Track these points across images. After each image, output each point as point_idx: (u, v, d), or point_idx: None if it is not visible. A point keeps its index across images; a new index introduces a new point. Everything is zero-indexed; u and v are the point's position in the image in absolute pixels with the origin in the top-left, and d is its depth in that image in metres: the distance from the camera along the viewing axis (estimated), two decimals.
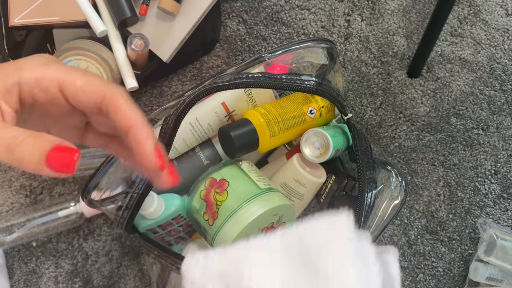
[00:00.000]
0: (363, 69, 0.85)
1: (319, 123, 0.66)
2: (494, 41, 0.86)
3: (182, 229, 0.65)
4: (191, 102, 0.55)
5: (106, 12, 0.73)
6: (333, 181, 0.67)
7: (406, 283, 0.79)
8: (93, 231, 0.79)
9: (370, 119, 0.84)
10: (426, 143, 0.83)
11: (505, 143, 0.83)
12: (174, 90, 0.84)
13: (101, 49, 0.72)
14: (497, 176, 0.82)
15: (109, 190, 0.59)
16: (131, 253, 0.79)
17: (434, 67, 0.85)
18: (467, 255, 0.80)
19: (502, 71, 0.85)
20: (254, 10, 0.86)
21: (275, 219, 0.61)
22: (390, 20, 0.86)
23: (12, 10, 0.74)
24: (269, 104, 0.63)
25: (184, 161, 0.67)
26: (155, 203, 0.59)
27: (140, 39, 0.71)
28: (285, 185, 0.66)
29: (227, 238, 0.57)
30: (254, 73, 0.58)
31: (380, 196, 0.59)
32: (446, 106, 0.84)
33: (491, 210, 0.82)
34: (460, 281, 0.80)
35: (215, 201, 0.59)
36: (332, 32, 0.86)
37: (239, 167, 0.62)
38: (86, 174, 0.79)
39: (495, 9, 0.87)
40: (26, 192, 0.80)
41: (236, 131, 0.59)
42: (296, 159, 0.65)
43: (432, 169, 0.82)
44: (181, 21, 0.75)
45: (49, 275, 0.78)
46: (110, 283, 0.78)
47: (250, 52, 0.85)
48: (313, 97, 0.65)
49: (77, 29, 0.76)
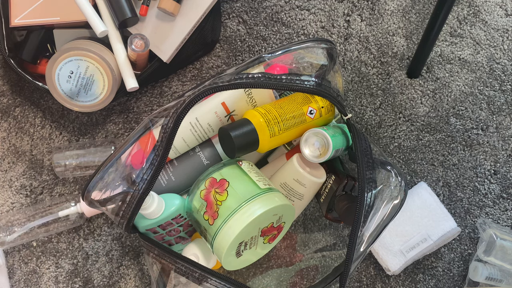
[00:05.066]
0: (362, 70, 0.85)
1: (319, 123, 0.66)
2: (494, 42, 0.86)
3: (182, 229, 0.65)
4: (191, 102, 0.55)
5: (107, 12, 0.73)
6: (333, 181, 0.67)
7: (406, 283, 0.79)
8: (94, 231, 0.80)
9: (370, 119, 0.84)
10: (425, 143, 0.83)
11: (505, 143, 0.83)
12: (174, 90, 0.84)
13: (102, 49, 0.72)
14: (496, 176, 0.82)
15: (109, 190, 0.59)
16: (131, 253, 0.79)
17: (433, 67, 0.85)
18: (467, 255, 0.80)
19: (502, 71, 0.85)
20: (254, 11, 0.86)
21: (275, 219, 0.61)
22: (389, 20, 0.87)
23: (13, 11, 0.74)
24: (269, 104, 0.63)
25: (184, 161, 0.67)
26: (155, 203, 0.59)
27: (140, 39, 0.72)
28: (285, 185, 0.66)
29: (227, 237, 0.57)
30: (254, 74, 0.58)
31: (380, 196, 0.59)
32: (446, 106, 0.84)
33: (490, 210, 0.82)
34: (459, 281, 0.80)
35: (215, 201, 0.59)
36: (332, 33, 0.86)
37: (239, 167, 0.62)
38: (86, 174, 0.79)
39: (495, 10, 0.87)
40: (27, 192, 0.80)
41: (236, 131, 0.59)
42: (296, 159, 0.65)
43: (431, 169, 0.82)
44: (181, 21, 0.75)
45: (49, 275, 0.79)
46: (110, 283, 0.79)
47: (250, 52, 0.85)
48: (313, 97, 0.65)
49: (77, 30, 0.76)
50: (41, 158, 0.81)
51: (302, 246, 0.78)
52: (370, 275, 0.79)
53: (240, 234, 0.56)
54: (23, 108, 0.83)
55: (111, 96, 0.73)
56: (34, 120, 0.83)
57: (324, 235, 0.79)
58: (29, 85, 0.83)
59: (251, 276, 0.76)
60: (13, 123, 0.82)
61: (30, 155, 0.82)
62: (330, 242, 0.78)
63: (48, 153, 0.82)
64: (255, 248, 0.62)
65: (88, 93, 0.72)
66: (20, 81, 0.83)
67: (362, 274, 0.79)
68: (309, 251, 0.78)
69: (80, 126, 0.83)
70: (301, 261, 0.77)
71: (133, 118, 0.83)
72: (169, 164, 0.67)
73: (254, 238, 0.60)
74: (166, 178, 0.66)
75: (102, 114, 0.83)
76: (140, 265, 0.79)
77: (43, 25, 0.75)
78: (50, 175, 0.81)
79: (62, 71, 0.71)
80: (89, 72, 0.71)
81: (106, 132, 0.82)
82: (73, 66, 0.70)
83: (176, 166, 0.67)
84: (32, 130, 0.82)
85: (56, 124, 0.83)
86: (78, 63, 0.70)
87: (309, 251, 0.78)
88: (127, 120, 0.83)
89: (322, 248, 0.78)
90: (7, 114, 0.83)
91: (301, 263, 0.77)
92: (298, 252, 0.77)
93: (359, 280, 0.79)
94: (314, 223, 0.79)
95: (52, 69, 0.71)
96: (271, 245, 0.65)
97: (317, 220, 0.79)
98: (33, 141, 0.82)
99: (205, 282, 0.56)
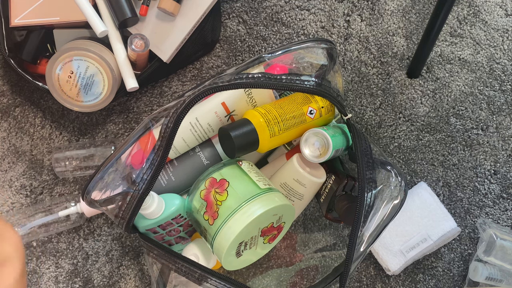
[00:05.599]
0: (362, 70, 0.85)
1: (319, 123, 0.66)
2: (494, 42, 0.86)
3: (182, 229, 0.65)
4: (191, 102, 0.55)
5: (107, 12, 0.73)
6: (333, 181, 0.67)
7: (406, 283, 0.79)
8: (94, 231, 0.80)
9: (370, 119, 0.84)
10: (425, 143, 0.83)
11: (505, 143, 0.83)
12: (174, 90, 0.84)
13: (102, 49, 0.72)
14: (496, 176, 0.83)
15: (109, 190, 0.59)
16: (131, 253, 0.79)
17: (433, 67, 0.85)
18: (467, 255, 0.80)
19: (502, 71, 0.85)
20: (254, 11, 0.86)
21: (275, 219, 0.61)
22: (389, 20, 0.87)
23: (13, 11, 0.74)
24: (269, 104, 0.63)
25: (184, 161, 0.67)
26: (155, 203, 0.59)
27: (140, 39, 0.72)
28: (285, 185, 0.66)
29: (227, 237, 0.57)
30: (254, 74, 0.58)
31: (380, 196, 0.59)
32: (446, 106, 0.84)
33: (490, 210, 0.82)
34: (459, 281, 0.80)
35: (215, 201, 0.59)
36: (331, 33, 0.86)
37: (239, 167, 0.62)
38: (86, 174, 0.79)
39: (495, 10, 0.87)
40: (27, 192, 0.80)
41: (236, 131, 0.59)
42: (296, 159, 0.65)
43: (431, 169, 0.82)
44: (181, 21, 0.75)
45: (49, 275, 0.79)
46: (110, 283, 0.79)
47: (250, 52, 0.85)
48: (313, 97, 0.65)
49: (77, 30, 0.76)
50: (41, 158, 0.82)
51: (302, 246, 0.78)
52: (370, 275, 0.79)
53: (240, 234, 0.56)
54: (23, 108, 0.83)
55: (111, 96, 0.73)
56: (34, 120, 0.83)
57: (324, 235, 0.79)
58: (29, 85, 0.83)
59: (251, 276, 0.76)
60: (13, 123, 0.82)
61: (30, 155, 0.82)
62: (330, 242, 0.78)
63: (48, 153, 0.82)
64: (255, 248, 0.62)
65: (88, 93, 0.72)
66: (20, 81, 0.83)
67: (362, 274, 0.79)
68: (309, 251, 0.78)
69: (80, 126, 0.83)
70: (301, 261, 0.77)
71: (133, 118, 0.83)
72: (169, 164, 0.67)
73: (254, 238, 0.60)
74: (166, 178, 0.66)
75: (102, 114, 0.83)
76: (140, 265, 0.79)
77: (43, 25, 0.75)
78: (50, 175, 0.81)
79: (62, 71, 0.71)
80: (89, 72, 0.71)
81: (106, 132, 0.82)
82: (73, 66, 0.70)
83: (176, 166, 0.67)
84: (32, 130, 0.82)
85: (56, 124, 0.83)
86: (78, 63, 0.70)
87: (309, 251, 0.78)
88: (127, 120, 0.83)
89: (322, 248, 0.78)
90: (7, 114, 0.83)
91: (301, 263, 0.77)
92: (298, 252, 0.77)
93: (359, 280, 0.79)
94: (314, 223, 0.79)
95: (52, 69, 0.71)
96: (271, 245, 0.65)
97: (317, 220, 0.79)
98: (33, 141, 0.82)
99: (205, 282, 0.56)
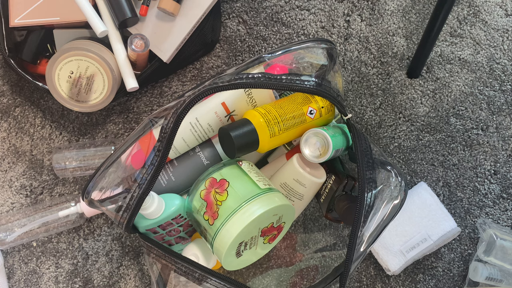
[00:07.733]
0: (362, 70, 0.85)
1: (319, 123, 0.66)
2: (494, 42, 0.86)
3: (182, 229, 0.65)
4: (191, 102, 0.55)
5: (107, 12, 0.73)
6: (333, 181, 0.67)
7: (406, 283, 0.79)
8: (93, 231, 0.80)
9: (370, 119, 0.84)
10: (425, 143, 0.83)
11: (505, 143, 0.83)
12: (174, 91, 0.84)
13: (102, 49, 0.72)
14: (496, 176, 0.83)
15: (109, 190, 0.59)
16: (131, 253, 0.79)
17: (433, 67, 0.85)
18: (467, 255, 0.80)
19: (502, 71, 0.85)
20: (254, 11, 0.86)
21: (275, 219, 0.61)
22: (389, 20, 0.87)
23: (13, 11, 0.74)
24: (269, 104, 0.63)
25: (184, 161, 0.67)
26: (155, 203, 0.59)
27: (140, 39, 0.72)
28: (285, 185, 0.66)
29: (227, 238, 0.57)
30: (254, 74, 0.58)
31: (380, 196, 0.59)
32: (446, 106, 0.84)
33: (490, 210, 0.82)
34: (459, 281, 0.80)
35: (215, 201, 0.59)
36: (331, 33, 0.86)
37: (239, 167, 0.62)
38: (86, 174, 0.79)
39: (495, 10, 0.87)
40: (27, 192, 0.80)
41: (236, 131, 0.59)
42: (296, 159, 0.65)
43: (431, 169, 0.82)
44: (181, 21, 0.75)
45: (49, 275, 0.79)
46: (110, 283, 0.79)
47: (250, 52, 0.85)
48: (313, 98, 0.65)
49: (77, 30, 0.76)
50: (41, 158, 0.82)
51: (302, 246, 0.78)
52: (370, 275, 0.79)
53: (240, 234, 0.56)
54: (23, 108, 0.83)
55: (111, 96, 0.73)
56: (34, 120, 0.83)
57: (324, 235, 0.79)
58: (29, 85, 0.83)
59: (251, 276, 0.76)
60: (13, 123, 0.82)
61: (30, 155, 0.82)
62: (330, 242, 0.78)
63: (48, 153, 0.82)
64: (255, 248, 0.63)
65: (88, 93, 0.72)
66: (20, 81, 0.83)
67: (362, 274, 0.79)
68: (309, 251, 0.78)
69: (80, 126, 0.83)
70: (301, 261, 0.77)
71: (133, 118, 0.83)
72: (169, 164, 0.67)
73: (254, 238, 0.60)
74: (166, 178, 0.66)
75: (102, 114, 0.83)
76: (140, 265, 0.79)
77: (43, 25, 0.75)
78: (50, 175, 0.81)
79: (62, 71, 0.71)
80: (89, 72, 0.71)
81: (106, 132, 0.82)
82: (73, 66, 0.70)
83: (176, 166, 0.67)
84: (32, 130, 0.82)
85: (56, 124, 0.83)
86: (78, 63, 0.70)
87: (309, 251, 0.78)
88: (127, 120, 0.83)
89: (322, 248, 0.78)
90: (7, 114, 0.83)
91: (301, 263, 0.77)
92: (298, 252, 0.77)
93: (359, 280, 0.79)
94: (314, 223, 0.79)
95: (52, 69, 0.71)
96: (271, 245, 0.65)
97: (317, 220, 0.79)
98: (33, 141, 0.82)
99: (205, 282, 0.56)
